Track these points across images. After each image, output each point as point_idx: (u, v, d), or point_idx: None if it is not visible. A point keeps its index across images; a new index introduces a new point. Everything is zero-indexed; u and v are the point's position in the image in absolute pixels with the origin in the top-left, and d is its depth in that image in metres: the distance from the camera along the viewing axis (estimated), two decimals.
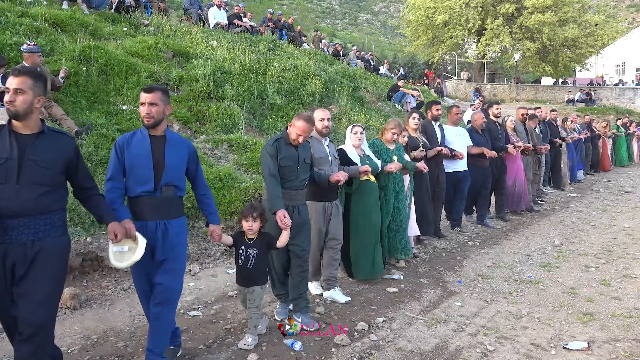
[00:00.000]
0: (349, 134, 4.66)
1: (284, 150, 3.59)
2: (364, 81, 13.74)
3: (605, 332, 3.56)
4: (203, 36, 10.57)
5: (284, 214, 3.34)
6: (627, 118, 16.42)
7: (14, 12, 7.59)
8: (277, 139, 3.63)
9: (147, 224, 2.87)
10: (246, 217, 3.32)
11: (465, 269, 5.07)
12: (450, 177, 6.34)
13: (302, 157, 3.67)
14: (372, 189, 4.62)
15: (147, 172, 2.86)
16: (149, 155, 2.88)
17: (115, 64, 7.39)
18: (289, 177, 3.60)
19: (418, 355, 3.22)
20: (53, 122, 5.76)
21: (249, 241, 3.35)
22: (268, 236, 3.41)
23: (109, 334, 3.48)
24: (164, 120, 2.95)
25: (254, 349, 3.23)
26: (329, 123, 4.15)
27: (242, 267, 3.34)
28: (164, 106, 2.93)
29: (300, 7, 54.35)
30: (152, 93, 2.89)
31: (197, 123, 7.44)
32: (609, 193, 10.14)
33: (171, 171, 2.91)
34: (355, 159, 4.50)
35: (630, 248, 5.86)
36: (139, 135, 2.95)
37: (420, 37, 26.68)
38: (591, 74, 30.24)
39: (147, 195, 2.88)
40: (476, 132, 6.90)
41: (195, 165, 3.11)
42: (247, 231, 3.34)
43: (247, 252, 3.32)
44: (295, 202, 3.65)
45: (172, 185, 2.93)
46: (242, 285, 3.38)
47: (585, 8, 25.86)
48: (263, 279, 3.40)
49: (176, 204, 3.00)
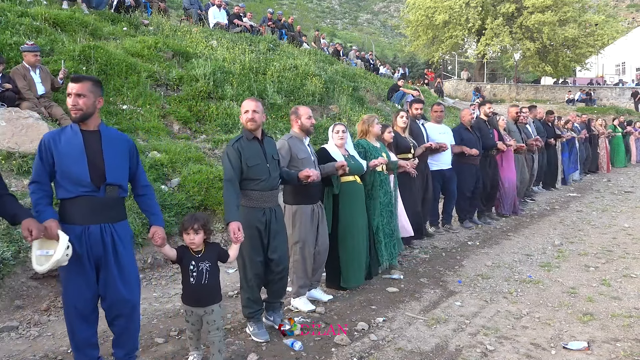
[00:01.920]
0: (331, 133, 4.41)
1: (248, 149, 3.29)
2: (364, 81, 13.74)
3: (605, 332, 3.55)
4: (203, 36, 10.58)
5: (238, 227, 3.01)
6: (624, 117, 16.19)
7: (14, 11, 7.59)
8: (237, 139, 3.33)
9: (90, 228, 2.60)
10: (187, 230, 2.90)
11: (465, 269, 5.07)
12: (437, 175, 6.27)
13: (269, 153, 3.39)
14: (357, 191, 4.38)
15: (82, 172, 2.58)
16: (82, 153, 2.61)
17: (115, 63, 7.39)
18: (261, 177, 3.31)
19: (418, 355, 3.22)
20: (53, 122, 5.77)
21: (198, 254, 2.94)
22: (217, 247, 3.06)
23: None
24: (95, 113, 2.69)
25: (254, 349, 3.23)
26: (314, 120, 3.97)
27: (195, 284, 2.91)
28: (95, 98, 2.67)
29: (300, 7, 54.31)
30: (79, 83, 2.63)
31: (197, 123, 7.44)
32: (609, 193, 10.13)
33: (113, 170, 2.67)
34: (339, 159, 4.20)
35: (630, 248, 5.85)
36: (69, 131, 2.67)
37: (420, 37, 26.71)
38: (591, 73, 30.24)
39: (87, 196, 2.60)
40: (465, 129, 6.76)
41: (136, 162, 2.86)
42: (189, 245, 2.93)
43: (199, 266, 2.91)
44: (271, 204, 3.39)
45: (116, 186, 2.68)
46: (198, 305, 2.93)
47: (585, 8, 25.90)
48: (220, 295, 3.02)
49: (120, 206, 2.75)
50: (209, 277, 2.92)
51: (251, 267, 3.34)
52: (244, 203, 3.29)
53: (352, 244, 4.28)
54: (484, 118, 7.19)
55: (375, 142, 4.88)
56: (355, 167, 4.31)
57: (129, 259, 2.75)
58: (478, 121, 7.11)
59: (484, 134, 7.00)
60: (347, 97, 11.00)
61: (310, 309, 3.88)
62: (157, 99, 7.41)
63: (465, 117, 6.85)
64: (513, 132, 7.83)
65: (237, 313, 3.84)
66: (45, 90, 5.96)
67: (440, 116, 6.54)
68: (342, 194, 4.25)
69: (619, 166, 14.36)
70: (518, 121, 8.20)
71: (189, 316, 2.98)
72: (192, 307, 2.95)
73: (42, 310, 3.81)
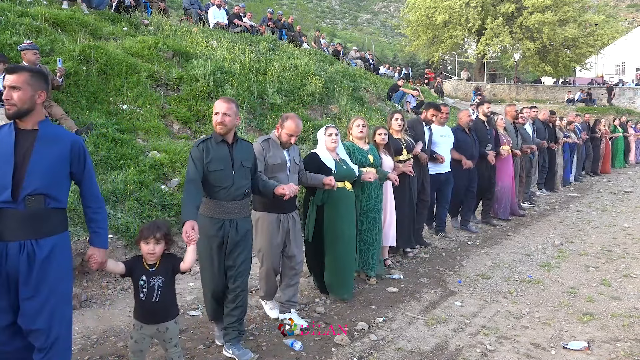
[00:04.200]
0: (322, 136, 4.09)
1: (214, 152, 2.97)
2: (364, 81, 13.73)
3: (605, 332, 3.56)
4: (203, 36, 10.58)
5: (191, 227, 2.65)
6: (625, 117, 16.14)
7: (14, 11, 7.59)
8: (204, 140, 3.02)
9: (8, 245, 2.22)
10: (146, 239, 2.62)
11: (465, 269, 5.07)
12: (433, 179, 5.99)
13: (238, 159, 3.03)
14: (347, 198, 4.11)
15: (4, 177, 2.21)
16: (10, 155, 2.23)
17: (115, 63, 7.39)
18: (222, 184, 2.97)
19: (418, 355, 3.22)
20: (53, 121, 5.76)
21: (150, 268, 2.67)
22: (173, 259, 2.75)
23: (109, 334, 3.48)
24: (35, 110, 2.32)
25: (254, 349, 3.23)
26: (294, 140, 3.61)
27: (145, 301, 2.63)
28: (34, 92, 2.31)
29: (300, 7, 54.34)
30: (14, 74, 2.28)
31: (197, 123, 7.44)
32: (609, 193, 10.14)
33: (37, 175, 2.25)
34: (330, 164, 3.95)
35: (630, 248, 5.85)
36: (5, 129, 2.32)
37: (420, 37, 26.75)
38: (591, 73, 30.25)
39: (6, 208, 2.21)
40: (462, 130, 6.56)
41: (82, 168, 2.43)
42: (147, 256, 2.65)
43: (150, 282, 2.64)
44: (232, 216, 3.02)
45: (41, 195, 2.26)
46: (150, 322, 2.66)
47: (585, 8, 25.95)
48: (175, 310, 2.76)
49: (50, 219, 2.31)
50: (160, 294, 2.64)
51: (208, 279, 3.12)
52: (203, 211, 3.00)
53: (340, 254, 4.05)
54: (483, 118, 6.99)
55: (364, 144, 4.58)
56: (346, 172, 4.06)
57: (55, 282, 2.31)
58: (476, 122, 6.91)
59: (481, 136, 6.79)
60: (347, 97, 10.99)
61: (273, 317, 3.71)
62: (157, 99, 7.41)
63: (463, 118, 6.65)
64: (509, 132, 7.62)
65: None
66: None
67: (445, 117, 6.28)
68: (330, 201, 4.01)
69: (619, 167, 14.35)
70: (516, 121, 7.99)
71: (135, 331, 2.69)
72: (140, 322, 2.68)
73: None
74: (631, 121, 15.91)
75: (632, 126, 15.45)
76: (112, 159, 5.53)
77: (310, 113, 9.71)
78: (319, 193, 3.95)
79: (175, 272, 2.73)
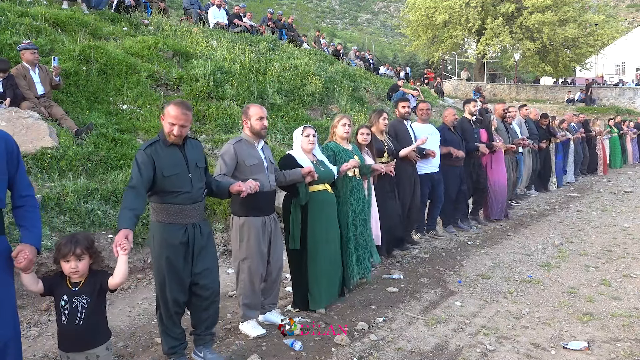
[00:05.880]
0: (298, 136, 3.90)
1: (165, 156, 2.79)
2: (364, 81, 13.74)
3: (605, 332, 3.55)
4: (203, 36, 10.59)
5: (125, 235, 2.39)
6: (620, 117, 16.02)
7: (14, 11, 7.59)
8: (152, 143, 2.83)
9: None
10: (66, 257, 2.28)
11: (465, 269, 5.07)
12: (426, 179, 5.95)
13: (192, 160, 2.89)
14: (328, 200, 3.92)
15: None
16: None
17: (115, 63, 7.40)
18: (181, 189, 2.81)
19: (418, 355, 3.22)
20: (53, 121, 5.77)
21: (73, 287, 2.33)
22: (102, 275, 2.40)
23: (116, 330, 3.47)
24: None
25: (255, 349, 3.23)
26: (267, 123, 3.49)
27: (67, 325, 2.30)
28: None
29: (300, 7, 54.34)
30: None
31: (197, 123, 7.44)
32: (609, 193, 10.13)
33: None
34: (307, 166, 3.72)
35: (630, 248, 5.85)
36: None
37: (420, 37, 26.77)
38: (591, 73, 30.25)
39: None
40: (448, 129, 6.45)
41: (15, 167, 2.29)
42: (71, 275, 2.33)
43: (72, 302, 2.30)
44: (195, 219, 2.90)
45: None
46: (76, 350, 2.32)
47: (585, 8, 25.96)
48: (105, 334, 2.43)
49: None
50: (85, 316, 2.30)
51: (170, 291, 2.85)
52: (160, 219, 2.85)
53: (322, 260, 3.83)
54: (468, 117, 6.88)
55: (347, 144, 4.40)
56: (325, 174, 3.87)
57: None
58: (462, 121, 6.81)
59: (467, 134, 6.70)
60: (347, 97, 11.00)
61: (260, 334, 3.41)
62: (157, 99, 7.41)
63: (448, 117, 6.58)
64: (500, 131, 7.55)
65: (236, 313, 3.84)
66: (44, 90, 5.96)
67: (426, 114, 6.20)
68: (311, 205, 3.79)
69: (616, 167, 14.34)
70: (504, 119, 7.84)
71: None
72: (65, 352, 2.33)
73: (42, 310, 3.81)
74: (626, 121, 15.85)
75: (627, 126, 15.41)
76: (112, 159, 5.53)
77: (311, 113, 9.71)
78: (302, 188, 3.71)
79: (104, 290, 2.38)
